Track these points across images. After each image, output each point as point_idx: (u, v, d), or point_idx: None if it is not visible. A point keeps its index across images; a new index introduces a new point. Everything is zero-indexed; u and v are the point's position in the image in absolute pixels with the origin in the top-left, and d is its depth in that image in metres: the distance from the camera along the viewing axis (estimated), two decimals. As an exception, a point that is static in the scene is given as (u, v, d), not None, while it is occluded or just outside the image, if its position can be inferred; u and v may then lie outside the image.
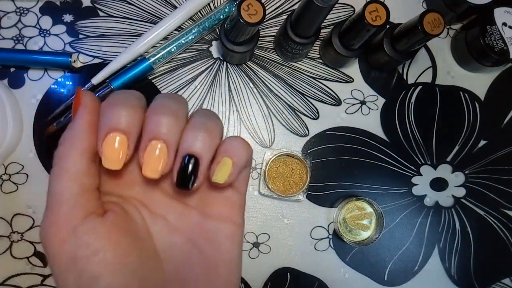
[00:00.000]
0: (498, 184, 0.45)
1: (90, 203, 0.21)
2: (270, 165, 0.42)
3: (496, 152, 0.46)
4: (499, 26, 0.42)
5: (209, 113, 0.24)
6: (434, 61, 0.46)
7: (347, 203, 0.42)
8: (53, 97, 0.43)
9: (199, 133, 0.22)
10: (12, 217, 0.42)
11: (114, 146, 0.21)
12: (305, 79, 0.45)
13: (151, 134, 0.21)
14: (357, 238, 0.43)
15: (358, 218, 0.43)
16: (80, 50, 0.43)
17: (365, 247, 0.43)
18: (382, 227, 0.42)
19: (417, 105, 0.45)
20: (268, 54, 0.45)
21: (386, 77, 0.45)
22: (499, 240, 0.45)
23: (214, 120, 0.23)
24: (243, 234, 0.27)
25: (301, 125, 0.44)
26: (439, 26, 0.35)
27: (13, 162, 0.42)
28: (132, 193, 0.24)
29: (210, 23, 0.42)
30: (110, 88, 0.41)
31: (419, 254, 0.44)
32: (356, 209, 0.43)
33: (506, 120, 0.46)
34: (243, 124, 0.44)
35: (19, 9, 0.43)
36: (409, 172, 0.45)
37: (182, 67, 0.44)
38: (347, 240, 0.42)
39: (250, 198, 0.43)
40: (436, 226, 0.44)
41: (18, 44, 0.43)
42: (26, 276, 0.41)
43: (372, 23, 0.34)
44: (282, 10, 0.45)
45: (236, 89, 0.44)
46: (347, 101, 0.45)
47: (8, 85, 0.42)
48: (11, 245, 0.42)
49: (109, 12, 0.44)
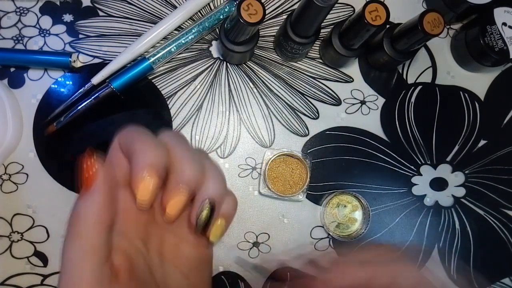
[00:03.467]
0: (498, 184, 0.45)
1: (107, 270, 0.22)
2: (270, 165, 0.42)
3: (496, 152, 0.46)
4: (499, 26, 0.42)
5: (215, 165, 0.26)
6: (434, 61, 0.46)
7: (332, 198, 0.43)
8: (53, 97, 0.43)
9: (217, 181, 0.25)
10: (12, 217, 0.42)
11: (149, 188, 0.22)
12: (305, 79, 0.45)
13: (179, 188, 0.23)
14: (345, 232, 0.43)
15: (343, 212, 0.43)
16: (80, 50, 0.43)
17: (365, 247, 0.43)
18: (368, 219, 0.42)
19: (417, 105, 0.45)
20: (268, 54, 0.45)
21: (386, 77, 0.45)
22: (499, 240, 0.45)
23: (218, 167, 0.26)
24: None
25: (301, 125, 0.44)
26: (439, 26, 0.35)
27: (13, 162, 0.42)
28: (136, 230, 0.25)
29: (210, 23, 0.42)
30: (110, 88, 0.41)
31: (419, 254, 0.44)
32: (341, 203, 0.43)
33: (506, 120, 0.46)
34: (243, 124, 0.44)
35: (19, 9, 0.43)
36: (409, 172, 0.45)
37: (182, 67, 0.44)
38: (335, 235, 0.42)
39: (250, 198, 0.43)
40: (436, 226, 0.44)
41: (18, 44, 0.43)
42: (26, 276, 0.41)
43: (372, 23, 0.34)
44: (282, 10, 0.45)
45: (236, 89, 0.44)
46: (347, 101, 0.45)
47: (8, 85, 0.42)
48: (11, 245, 0.42)
49: (109, 12, 0.44)
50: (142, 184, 0.22)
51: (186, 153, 0.24)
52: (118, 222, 0.24)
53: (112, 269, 0.22)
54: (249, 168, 0.44)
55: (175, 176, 0.23)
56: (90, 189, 0.21)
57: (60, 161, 0.42)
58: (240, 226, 0.43)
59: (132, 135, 0.23)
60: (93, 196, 0.21)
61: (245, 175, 0.43)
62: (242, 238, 0.43)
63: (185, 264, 0.27)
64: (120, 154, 0.24)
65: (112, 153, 0.24)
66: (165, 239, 0.27)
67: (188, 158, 0.24)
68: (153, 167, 0.22)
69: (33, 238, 0.42)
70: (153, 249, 0.26)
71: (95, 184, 0.21)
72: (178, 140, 0.25)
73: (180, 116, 0.43)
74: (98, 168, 0.21)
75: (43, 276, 0.42)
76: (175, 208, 0.24)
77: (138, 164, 0.22)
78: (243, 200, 0.43)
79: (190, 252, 0.27)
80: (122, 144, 0.23)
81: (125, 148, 0.23)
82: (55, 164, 0.42)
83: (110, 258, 0.22)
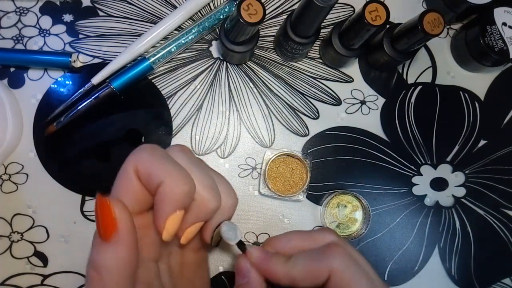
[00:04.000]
0: (498, 184, 0.45)
1: None
2: (270, 165, 0.42)
3: (496, 152, 0.46)
4: (499, 26, 0.42)
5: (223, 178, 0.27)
6: (434, 61, 0.46)
7: (332, 199, 0.43)
8: (53, 97, 0.43)
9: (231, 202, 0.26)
10: (12, 217, 0.42)
11: (177, 221, 0.22)
12: (305, 79, 0.45)
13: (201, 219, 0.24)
14: (345, 232, 0.43)
15: (344, 212, 0.43)
16: (80, 50, 0.43)
17: (365, 247, 0.43)
18: (369, 219, 0.42)
19: (417, 105, 0.45)
20: (268, 54, 0.45)
21: (386, 77, 0.45)
22: (499, 240, 0.45)
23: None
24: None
25: (301, 125, 0.44)
26: (439, 26, 0.35)
27: (13, 162, 0.42)
28: (151, 255, 0.25)
29: (210, 23, 0.42)
30: (110, 88, 0.41)
31: (419, 254, 0.44)
32: (341, 204, 0.43)
33: (506, 120, 0.46)
34: (243, 124, 0.44)
35: (19, 9, 0.43)
36: (409, 172, 0.45)
37: (182, 67, 0.44)
38: None
39: (250, 198, 0.43)
40: (437, 226, 0.44)
41: (18, 44, 0.43)
42: (26, 276, 0.41)
43: (372, 23, 0.34)
44: (282, 10, 0.45)
45: (236, 89, 0.44)
46: (347, 101, 0.45)
47: (8, 85, 0.42)
48: (11, 245, 0.42)
49: (109, 12, 0.44)
50: (171, 219, 0.21)
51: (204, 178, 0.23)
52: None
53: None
54: (249, 168, 0.43)
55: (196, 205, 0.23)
56: (111, 239, 0.19)
57: (60, 161, 0.42)
58: (240, 226, 0.43)
59: (154, 162, 0.21)
60: (117, 247, 0.19)
61: (245, 175, 0.43)
62: (242, 238, 0.43)
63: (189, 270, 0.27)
64: (137, 182, 0.22)
65: (126, 180, 0.22)
66: (172, 252, 0.27)
67: (208, 185, 0.23)
68: (184, 202, 0.21)
69: (33, 238, 0.42)
70: (164, 266, 0.26)
71: (117, 234, 0.19)
72: (191, 159, 0.24)
73: (180, 116, 0.43)
74: (118, 215, 0.19)
75: (43, 276, 0.42)
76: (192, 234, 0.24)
77: (169, 200, 0.21)
78: (243, 200, 0.43)
79: (192, 257, 0.28)
80: (142, 172, 0.22)
81: (147, 177, 0.21)
82: (55, 164, 0.42)
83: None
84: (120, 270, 0.20)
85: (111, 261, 0.19)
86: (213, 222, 0.25)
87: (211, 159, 0.43)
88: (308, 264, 0.25)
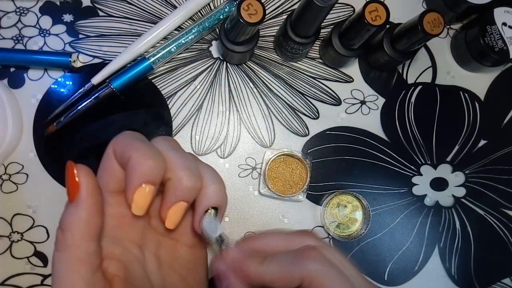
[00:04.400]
0: (498, 184, 0.45)
1: (100, 278, 0.22)
2: (270, 165, 0.42)
3: (496, 152, 0.46)
4: (499, 26, 0.42)
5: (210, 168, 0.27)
6: (434, 61, 0.46)
7: (332, 199, 0.43)
8: (53, 97, 0.43)
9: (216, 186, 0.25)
10: (12, 217, 0.42)
11: (145, 196, 0.22)
12: (305, 79, 0.45)
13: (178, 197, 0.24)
14: (345, 232, 0.43)
15: (344, 212, 0.43)
16: (80, 50, 0.43)
17: (365, 247, 0.43)
18: (369, 219, 0.42)
19: (417, 105, 0.45)
20: (268, 54, 0.45)
21: (386, 77, 0.45)
22: (499, 240, 0.45)
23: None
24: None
25: (301, 125, 0.44)
26: (439, 26, 0.35)
27: (13, 162, 0.42)
28: (131, 236, 0.25)
29: (210, 23, 0.42)
30: (110, 88, 0.41)
31: (419, 254, 0.44)
32: (341, 204, 0.43)
33: (506, 120, 0.46)
34: (243, 124, 0.44)
35: (19, 9, 0.43)
36: (409, 172, 0.45)
37: (182, 67, 0.44)
38: (335, 235, 0.42)
39: (250, 198, 0.43)
40: (437, 226, 0.44)
41: (18, 44, 0.43)
42: (26, 276, 0.41)
43: (372, 23, 0.34)
44: (282, 10, 0.45)
45: (236, 89, 0.44)
46: (347, 101, 0.45)
47: (8, 85, 0.42)
48: (11, 245, 0.42)
49: (109, 12, 0.44)
50: (138, 192, 0.22)
51: (181, 159, 0.24)
52: (112, 229, 0.24)
53: (105, 277, 0.22)
54: (249, 168, 0.44)
55: (172, 184, 0.23)
56: (74, 200, 0.21)
57: (60, 161, 0.42)
58: (240, 226, 0.43)
59: (126, 142, 0.23)
60: (78, 208, 0.21)
61: (245, 175, 0.43)
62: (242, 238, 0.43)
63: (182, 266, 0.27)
64: (114, 161, 0.23)
65: (105, 160, 0.24)
66: (161, 243, 0.27)
67: (184, 165, 0.24)
68: (149, 176, 0.22)
69: (33, 238, 0.42)
70: (150, 254, 0.26)
71: (79, 195, 0.21)
72: (172, 146, 0.25)
73: (180, 116, 0.43)
74: (81, 179, 0.21)
75: (43, 276, 0.42)
76: (176, 216, 0.24)
77: (134, 173, 0.22)
78: (243, 200, 0.43)
79: (186, 253, 0.27)
80: (117, 151, 0.23)
81: (120, 155, 0.23)
82: (55, 164, 0.42)
83: (102, 267, 0.22)
84: (80, 230, 0.21)
85: (73, 220, 0.21)
86: (199, 208, 0.24)
87: (211, 159, 0.43)
88: (281, 268, 0.24)
